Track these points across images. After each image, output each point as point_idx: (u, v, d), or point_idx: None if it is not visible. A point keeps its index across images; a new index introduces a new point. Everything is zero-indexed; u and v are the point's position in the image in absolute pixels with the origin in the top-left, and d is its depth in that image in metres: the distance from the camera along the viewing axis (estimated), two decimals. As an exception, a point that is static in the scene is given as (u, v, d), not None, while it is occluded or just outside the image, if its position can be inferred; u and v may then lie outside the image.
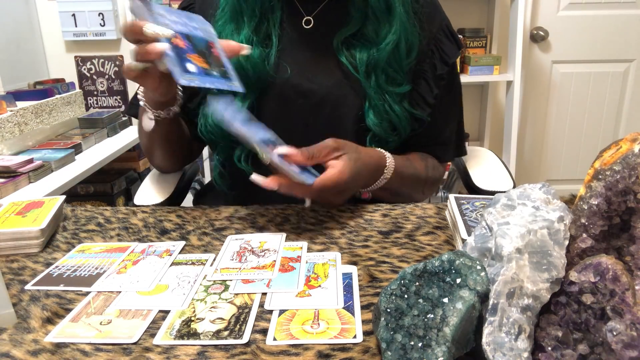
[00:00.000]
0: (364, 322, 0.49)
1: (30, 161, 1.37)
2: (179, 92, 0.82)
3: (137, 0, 0.65)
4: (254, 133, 0.66)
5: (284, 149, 0.67)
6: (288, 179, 0.67)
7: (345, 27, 0.82)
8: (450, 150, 0.96)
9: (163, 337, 0.48)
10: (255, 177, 0.66)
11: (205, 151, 1.99)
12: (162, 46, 0.63)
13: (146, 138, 0.91)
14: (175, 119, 0.85)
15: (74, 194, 1.84)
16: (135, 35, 0.64)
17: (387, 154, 0.81)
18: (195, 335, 0.48)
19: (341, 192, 0.72)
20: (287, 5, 0.85)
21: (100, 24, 2.29)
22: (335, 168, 0.69)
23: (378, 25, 0.81)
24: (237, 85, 0.69)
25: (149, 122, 0.80)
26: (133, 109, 0.98)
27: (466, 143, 1.01)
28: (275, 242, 0.66)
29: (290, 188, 0.67)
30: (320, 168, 0.71)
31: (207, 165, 2.13)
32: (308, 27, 0.85)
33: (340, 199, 0.75)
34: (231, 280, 0.57)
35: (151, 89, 0.73)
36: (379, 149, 0.82)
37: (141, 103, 0.80)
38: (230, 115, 0.66)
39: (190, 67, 0.65)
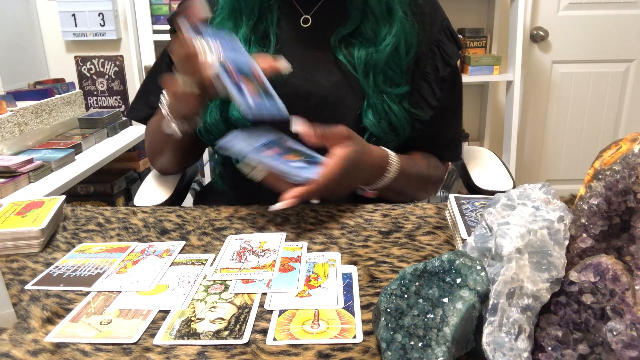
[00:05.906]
0: (364, 322, 0.49)
1: (30, 161, 1.37)
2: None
3: (184, 18, 0.65)
4: (248, 145, 0.67)
5: (299, 126, 0.68)
6: (293, 189, 0.67)
7: (343, 25, 0.82)
8: (452, 150, 0.96)
9: (163, 337, 0.48)
10: (276, 206, 0.67)
11: (205, 152, 1.99)
12: (214, 64, 0.64)
13: (159, 143, 0.90)
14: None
15: (74, 194, 1.83)
16: (186, 49, 0.65)
17: (392, 153, 0.81)
18: (195, 335, 0.48)
19: (342, 182, 0.72)
20: (285, 4, 0.85)
21: (100, 24, 2.29)
22: (337, 156, 0.69)
23: (377, 25, 0.81)
24: (283, 108, 0.70)
25: (174, 132, 0.77)
26: (134, 113, 0.98)
27: (465, 143, 1.01)
28: (275, 242, 0.66)
29: (299, 195, 0.67)
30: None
31: (207, 166, 2.13)
32: (306, 25, 0.85)
33: (341, 190, 0.74)
34: (231, 280, 0.57)
35: (188, 106, 0.72)
36: (383, 147, 0.82)
37: (164, 112, 0.78)
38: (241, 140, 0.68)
39: (249, 99, 0.65)
